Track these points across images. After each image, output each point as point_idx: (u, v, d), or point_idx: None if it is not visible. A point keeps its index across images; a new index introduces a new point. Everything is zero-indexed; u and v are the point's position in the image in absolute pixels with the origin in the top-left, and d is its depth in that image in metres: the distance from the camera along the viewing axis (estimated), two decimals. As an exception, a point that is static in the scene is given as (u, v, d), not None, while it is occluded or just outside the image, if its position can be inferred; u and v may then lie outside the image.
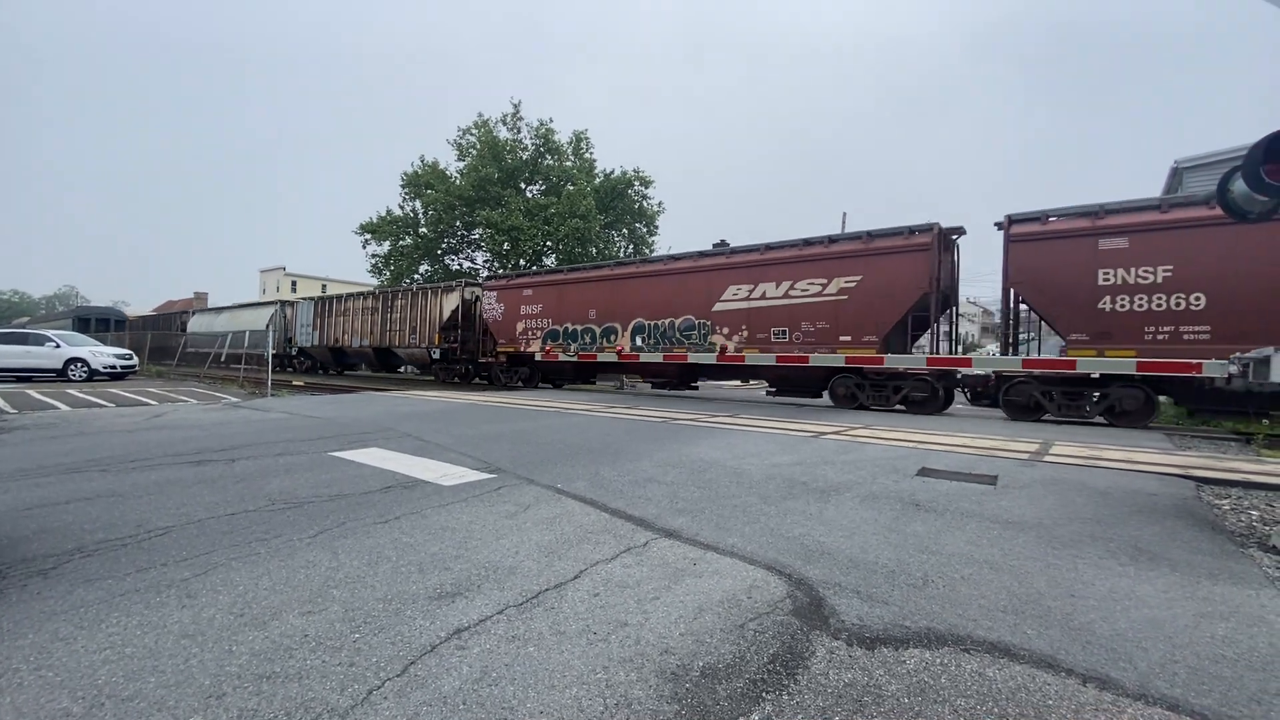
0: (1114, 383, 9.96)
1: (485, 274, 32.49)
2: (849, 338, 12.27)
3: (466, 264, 36.24)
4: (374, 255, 36.05)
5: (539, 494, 4.63)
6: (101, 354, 20.34)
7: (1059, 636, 2.42)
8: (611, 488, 4.84)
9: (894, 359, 11.78)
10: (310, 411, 10.19)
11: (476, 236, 34.75)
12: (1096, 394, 10.24)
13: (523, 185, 35.18)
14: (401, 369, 23.98)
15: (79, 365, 19.46)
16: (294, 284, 71.24)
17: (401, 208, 35.87)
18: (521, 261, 32.07)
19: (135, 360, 21.89)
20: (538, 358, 17.84)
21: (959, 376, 11.77)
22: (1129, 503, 4.54)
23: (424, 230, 35.13)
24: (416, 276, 34.51)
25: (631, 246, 36.53)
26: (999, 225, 11.27)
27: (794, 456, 6.31)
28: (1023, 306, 11.50)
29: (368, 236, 35.59)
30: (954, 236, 12.25)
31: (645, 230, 37.18)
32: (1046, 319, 10.96)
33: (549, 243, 32.43)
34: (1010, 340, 11.41)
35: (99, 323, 37.46)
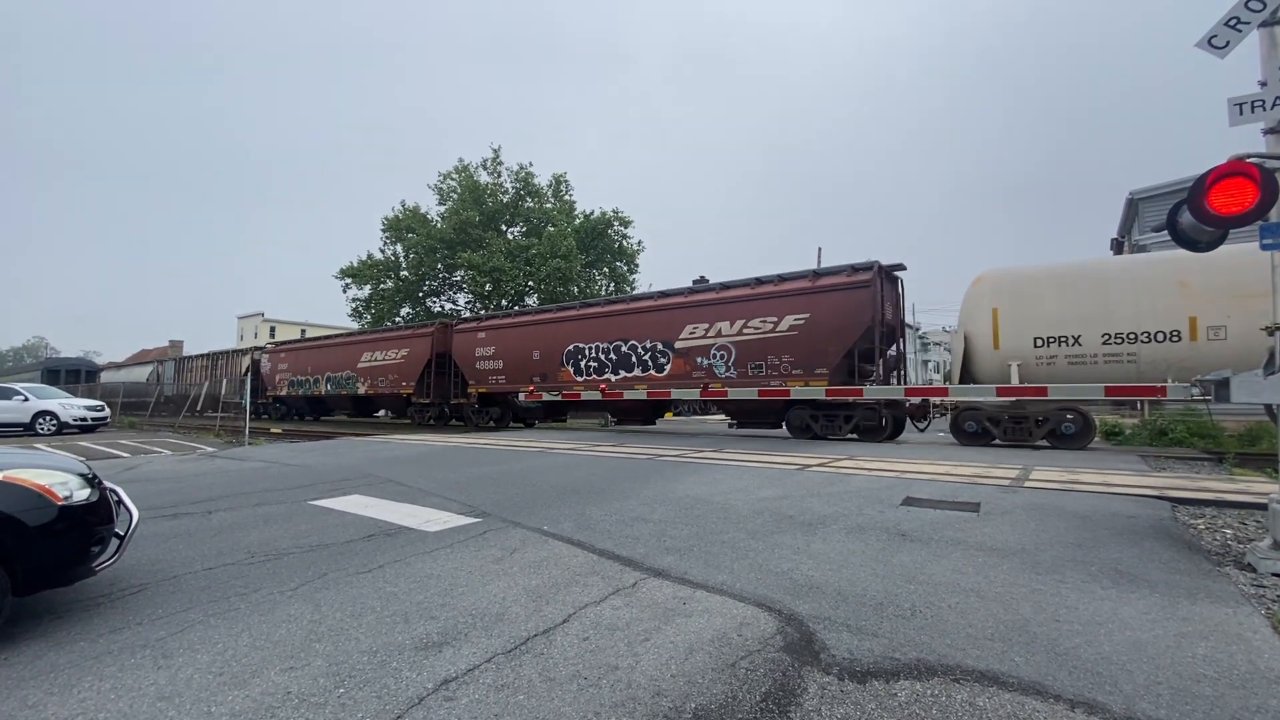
0: (500, 402, 19.23)
1: (467, 314, 32.58)
2: (405, 383, 21.12)
3: (448, 305, 36.30)
4: (355, 299, 36.00)
5: (525, 537, 4.58)
6: (71, 406, 19.84)
7: (1045, 662, 2.44)
8: (599, 528, 4.81)
9: (440, 396, 20.40)
10: (289, 459, 10.00)
11: (458, 278, 34.92)
12: (493, 409, 19.44)
13: (504, 227, 35.59)
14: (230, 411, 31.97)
15: (48, 418, 18.93)
16: (272, 329, 70.20)
17: (382, 252, 36.03)
18: (504, 302, 32.22)
19: (107, 412, 21.36)
20: (286, 397, 26.74)
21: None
22: (1108, 525, 4.62)
23: (405, 273, 35.23)
24: (398, 319, 34.44)
25: (613, 285, 36.88)
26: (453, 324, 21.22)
27: (780, 490, 6.33)
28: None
29: (348, 281, 35.58)
30: (460, 325, 20.54)
31: (626, 268, 37.64)
32: (465, 374, 19.49)
33: (530, 283, 32.65)
34: (457, 384, 20.07)
35: (69, 374, 36.57)
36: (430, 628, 2.89)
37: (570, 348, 16.48)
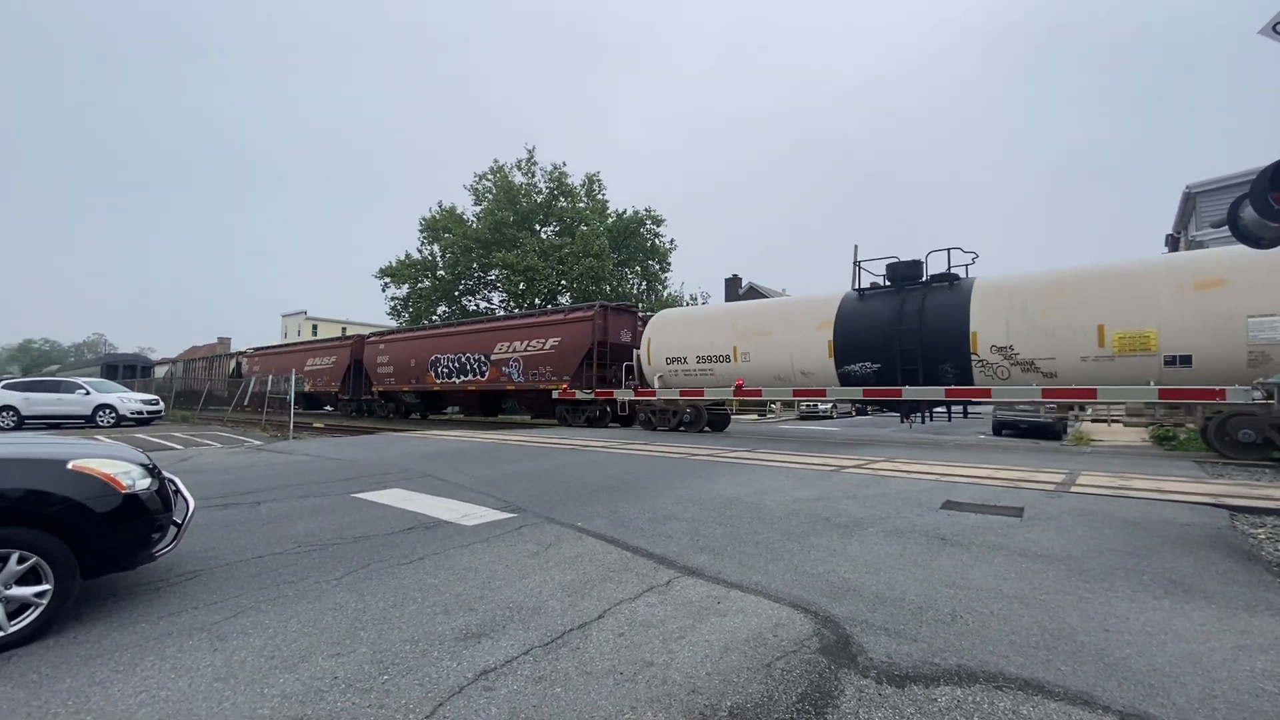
0: (393, 398, 24.39)
1: (501, 313, 33.04)
2: (333, 383, 26.84)
3: (483, 304, 36.88)
4: (393, 298, 36.88)
5: (560, 533, 4.64)
6: (129, 400, 20.81)
7: (1094, 672, 2.37)
8: (632, 525, 4.84)
9: (355, 394, 26.13)
10: (332, 454, 10.31)
11: (493, 278, 35.45)
12: (390, 403, 24.74)
13: (537, 227, 35.98)
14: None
15: (107, 411, 19.90)
16: (314, 327, 72.22)
17: (420, 251, 36.81)
18: (538, 300, 32.58)
19: (161, 406, 22.35)
20: (257, 392, 29.07)
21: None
22: (1161, 533, 4.44)
23: (442, 273, 35.93)
24: (435, 317, 35.15)
25: (645, 283, 36.93)
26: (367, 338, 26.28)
27: (814, 491, 6.26)
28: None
29: (387, 280, 36.47)
30: (369, 338, 25.84)
31: (658, 267, 37.62)
32: (371, 377, 24.45)
33: (563, 282, 32.94)
34: (367, 384, 25.10)
35: (126, 369, 38.40)
36: (469, 619, 2.95)
37: (433, 358, 21.74)
